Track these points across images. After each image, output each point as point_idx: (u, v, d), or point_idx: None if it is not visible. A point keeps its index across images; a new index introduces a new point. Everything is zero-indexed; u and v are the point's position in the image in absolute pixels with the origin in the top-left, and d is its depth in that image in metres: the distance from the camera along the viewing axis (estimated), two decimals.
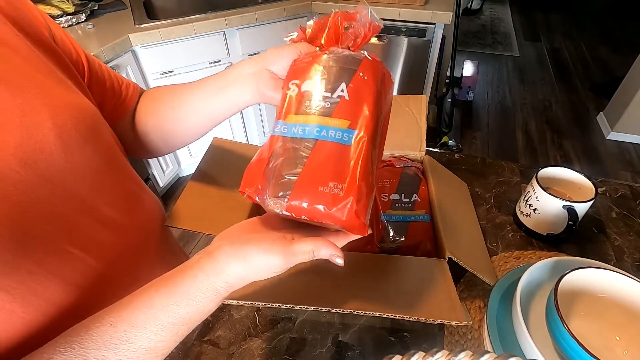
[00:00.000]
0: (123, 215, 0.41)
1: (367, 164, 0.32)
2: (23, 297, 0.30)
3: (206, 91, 0.45)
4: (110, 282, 0.39)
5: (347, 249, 0.36)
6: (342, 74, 0.35)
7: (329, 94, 0.34)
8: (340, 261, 0.32)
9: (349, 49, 0.37)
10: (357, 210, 0.31)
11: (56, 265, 0.33)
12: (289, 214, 0.32)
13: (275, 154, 0.34)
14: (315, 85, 0.34)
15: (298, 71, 0.36)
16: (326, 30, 0.38)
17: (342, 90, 0.33)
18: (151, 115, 0.50)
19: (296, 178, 0.32)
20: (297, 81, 0.35)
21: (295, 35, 0.41)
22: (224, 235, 0.34)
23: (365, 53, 0.37)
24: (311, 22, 0.40)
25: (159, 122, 0.50)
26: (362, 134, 0.33)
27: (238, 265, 0.31)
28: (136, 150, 0.52)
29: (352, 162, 0.32)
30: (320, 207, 0.31)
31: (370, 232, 0.34)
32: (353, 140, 0.32)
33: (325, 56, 0.36)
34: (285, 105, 0.35)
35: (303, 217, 0.32)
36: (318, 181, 0.31)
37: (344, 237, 0.36)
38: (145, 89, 0.54)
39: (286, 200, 0.31)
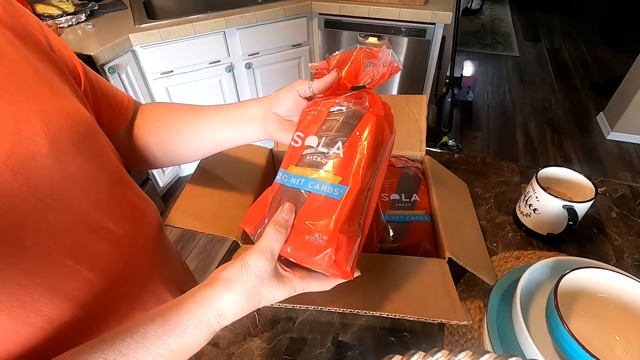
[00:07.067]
0: (120, 226, 0.40)
1: (352, 217, 0.36)
2: (10, 309, 0.29)
3: (214, 122, 0.48)
4: (104, 293, 0.38)
5: None
6: (341, 131, 0.38)
7: (326, 151, 0.37)
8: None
9: (364, 87, 0.41)
10: (337, 260, 0.34)
11: (48, 277, 0.32)
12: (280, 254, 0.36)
13: (274, 200, 0.38)
14: (316, 141, 0.38)
15: (304, 123, 0.40)
16: (348, 65, 0.41)
17: (338, 148, 0.37)
18: (155, 135, 0.51)
19: None
20: (301, 134, 0.39)
21: (317, 64, 0.44)
22: (219, 269, 0.36)
23: (367, 104, 0.40)
24: (337, 54, 0.43)
25: (162, 143, 0.51)
26: (351, 189, 0.36)
27: (231, 296, 0.33)
28: (132, 161, 0.52)
29: (335, 216, 0.35)
30: (305, 254, 0.35)
31: (358, 274, 0.37)
32: (342, 195, 0.35)
33: (332, 109, 0.39)
34: (288, 155, 0.39)
35: (291, 259, 0.36)
36: (306, 231, 0.35)
37: (334, 280, 0.38)
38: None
39: None
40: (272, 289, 0.35)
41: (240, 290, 0.33)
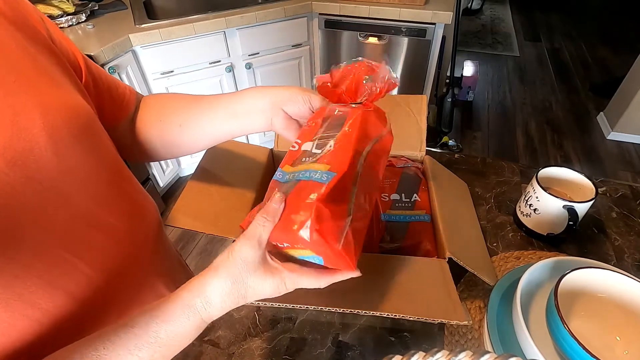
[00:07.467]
0: (119, 220, 0.40)
1: (336, 194, 0.36)
2: (7, 301, 0.30)
3: (217, 115, 0.47)
4: (103, 289, 0.38)
5: None
6: (333, 131, 0.40)
7: (319, 151, 0.39)
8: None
9: (360, 103, 0.44)
10: (320, 230, 0.33)
11: (46, 271, 0.32)
12: (272, 242, 0.36)
13: (270, 193, 0.39)
14: (311, 145, 0.41)
15: (304, 133, 0.43)
16: (349, 80, 0.44)
17: (330, 146, 0.39)
18: (156, 128, 0.50)
19: None
20: (299, 141, 0.42)
21: (325, 76, 0.47)
22: (215, 262, 0.36)
23: (353, 105, 0.43)
24: (341, 66, 0.46)
25: (163, 135, 0.50)
26: (338, 173, 0.37)
27: (216, 280, 0.33)
28: (134, 154, 0.52)
29: (318, 193, 0.35)
30: (290, 231, 0.34)
31: (359, 274, 0.38)
32: (330, 179, 0.36)
33: (329, 117, 0.43)
34: (286, 158, 0.42)
35: (285, 244, 0.36)
36: (292, 211, 0.35)
37: (328, 276, 0.37)
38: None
39: None
40: (259, 278, 0.34)
41: (226, 276, 0.33)
